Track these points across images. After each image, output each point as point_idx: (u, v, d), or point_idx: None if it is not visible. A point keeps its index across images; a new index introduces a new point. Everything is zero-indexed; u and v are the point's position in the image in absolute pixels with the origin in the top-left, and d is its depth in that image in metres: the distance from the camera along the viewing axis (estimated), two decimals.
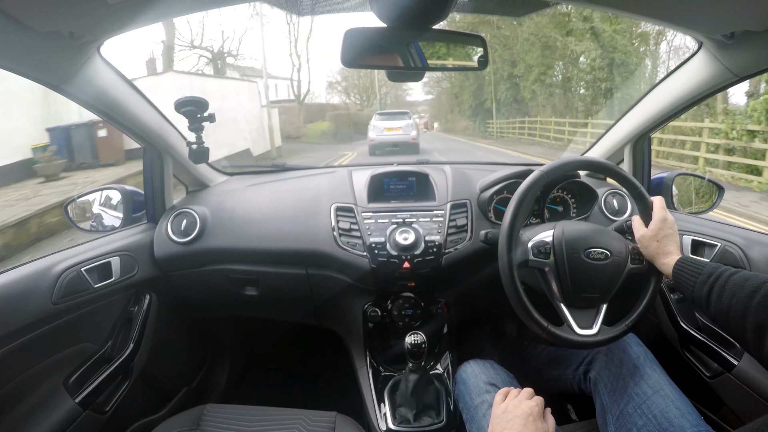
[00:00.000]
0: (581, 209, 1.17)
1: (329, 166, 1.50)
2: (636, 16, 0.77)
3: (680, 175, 1.30)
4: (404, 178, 1.23)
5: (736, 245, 0.94)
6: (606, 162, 0.86)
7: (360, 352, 1.19)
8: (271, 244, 1.15)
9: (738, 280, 0.65)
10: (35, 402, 0.89)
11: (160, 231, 1.20)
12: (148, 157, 1.19)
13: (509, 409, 0.70)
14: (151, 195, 1.22)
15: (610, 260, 0.80)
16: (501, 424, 0.69)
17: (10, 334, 0.82)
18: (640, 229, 0.82)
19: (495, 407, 0.73)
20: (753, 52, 0.78)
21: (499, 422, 0.69)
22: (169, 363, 1.34)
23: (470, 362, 0.97)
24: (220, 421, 0.91)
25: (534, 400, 0.71)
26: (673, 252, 0.77)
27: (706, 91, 0.94)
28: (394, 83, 16.11)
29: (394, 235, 1.07)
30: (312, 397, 1.26)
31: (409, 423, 1.02)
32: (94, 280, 1.00)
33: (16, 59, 0.71)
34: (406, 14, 0.72)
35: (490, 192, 1.13)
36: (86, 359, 1.01)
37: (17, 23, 0.62)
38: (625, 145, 1.24)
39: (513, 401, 0.71)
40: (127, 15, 0.69)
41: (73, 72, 0.81)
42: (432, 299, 1.16)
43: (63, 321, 0.93)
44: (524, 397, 0.72)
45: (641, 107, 1.15)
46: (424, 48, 0.81)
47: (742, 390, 0.88)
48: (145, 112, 1.06)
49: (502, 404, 0.72)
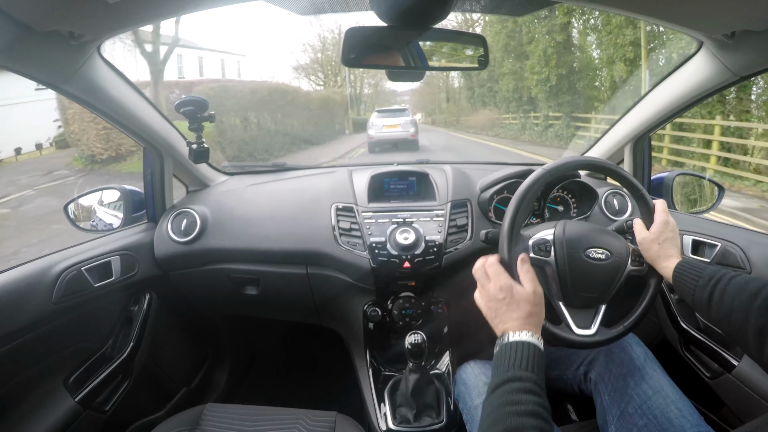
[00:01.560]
0: (581, 209, 1.17)
1: (330, 165, 1.50)
2: (636, 15, 0.77)
3: (680, 175, 1.30)
4: (404, 178, 1.23)
5: (736, 245, 0.94)
6: (608, 162, 0.86)
7: (360, 352, 1.19)
8: (272, 243, 1.15)
9: (739, 284, 0.64)
10: (35, 401, 0.89)
11: (161, 231, 1.20)
12: (149, 157, 1.19)
13: (483, 304, 0.70)
14: (151, 195, 1.22)
15: (610, 261, 0.80)
16: (491, 320, 0.69)
17: (11, 334, 0.82)
18: (641, 232, 0.81)
19: (477, 298, 0.72)
20: (753, 52, 0.78)
21: (488, 317, 0.69)
22: (169, 363, 1.34)
23: (470, 363, 0.97)
24: (220, 421, 0.91)
25: (492, 279, 0.70)
26: (674, 255, 0.77)
27: (706, 90, 0.94)
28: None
29: (395, 234, 1.07)
30: (312, 397, 1.26)
31: (410, 423, 1.02)
32: (94, 280, 1.00)
33: (16, 59, 0.71)
34: (406, 14, 0.72)
35: (490, 192, 1.13)
36: (86, 359, 1.02)
37: (17, 23, 0.62)
38: (625, 145, 1.24)
39: (483, 293, 0.70)
40: (127, 15, 0.69)
41: (73, 72, 0.81)
42: (432, 299, 1.16)
43: (63, 320, 0.93)
44: (484, 284, 0.71)
45: (642, 107, 1.15)
46: (424, 48, 0.81)
47: (742, 390, 0.88)
48: (145, 111, 1.06)
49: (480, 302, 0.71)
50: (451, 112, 26.58)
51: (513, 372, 0.58)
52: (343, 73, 25.12)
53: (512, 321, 0.66)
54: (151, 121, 1.08)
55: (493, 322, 0.68)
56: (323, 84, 25.74)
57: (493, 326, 0.68)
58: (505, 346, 0.63)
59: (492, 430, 0.52)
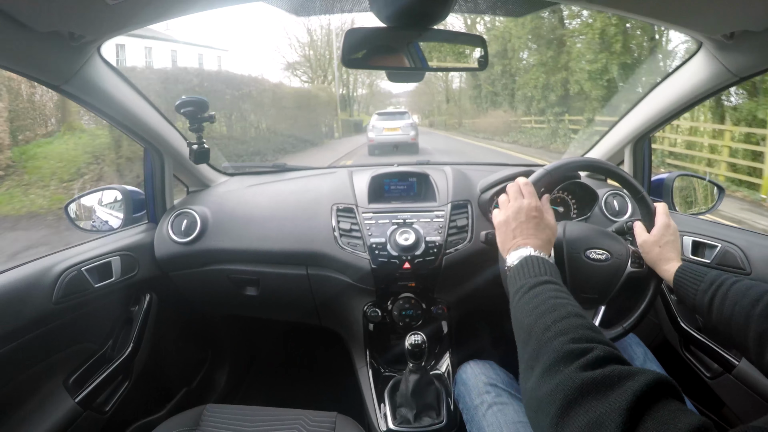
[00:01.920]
0: (582, 210, 1.17)
1: (330, 166, 1.50)
2: (636, 16, 0.77)
3: (681, 176, 1.30)
4: (405, 179, 1.23)
5: (736, 246, 0.94)
6: (609, 164, 0.86)
7: (360, 353, 1.19)
8: (272, 244, 1.15)
9: (740, 289, 0.65)
10: (35, 402, 0.89)
11: (161, 231, 1.20)
12: (149, 158, 1.19)
13: (510, 216, 0.71)
14: (151, 195, 1.23)
15: (610, 262, 0.80)
16: (507, 235, 0.71)
17: (11, 334, 0.82)
18: (642, 235, 0.81)
19: (495, 220, 0.75)
20: (753, 52, 0.78)
21: (505, 231, 0.71)
22: (169, 363, 1.34)
23: (470, 363, 0.97)
24: (220, 421, 0.91)
25: (527, 197, 0.73)
26: (674, 259, 0.77)
27: (706, 91, 0.94)
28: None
29: (395, 235, 1.07)
30: (312, 397, 1.26)
31: (410, 423, 1.02)
32: (94, 280, 1.00)
33: (16, 59, 0.71)
34: (405, 14, 0.72)
35: (490, 192, 1.13)
36: (86, 359, 1.02)
37: (17, 23, 0.62)
38: (625, 146, 1.24)
39: (511, 207, 0.72)
40: (127, 15, 0.69)
41: (73, 72, 0.81)
42: (432, 300, 1.16)
43: (63, 321, 0.93)
44: (517, 198, 0.73)
45: (641, 108, 1.15)
46: (424, 48, 0.81)
47: (742, 390, 0.88)
48: (145, 112, 1.06)
49: (501, 216, 0.73)
50: (452, 114, 25.30)
51: (547, 278, 0.59)
52: (333, 69, 23.28)
53: (537, 240, 0.68)
54: (152, 121, 1.08)
55: (516, 236, 0.70)
56: (310, 81, 23.70)
57: (514, 240, 0.70)
58: (530, 258, 0.63)
59: (544, 319, 0.51)
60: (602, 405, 0.37)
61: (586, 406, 0.38)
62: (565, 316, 0.50)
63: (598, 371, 0.41)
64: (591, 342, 0.46)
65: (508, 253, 0.68)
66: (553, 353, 0.45)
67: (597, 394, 0.39)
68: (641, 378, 0.38)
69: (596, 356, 0.43)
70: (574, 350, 0.44)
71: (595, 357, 0.43)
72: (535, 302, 0.55)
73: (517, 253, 0.66)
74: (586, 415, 0.38)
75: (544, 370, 0.45)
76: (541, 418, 0.43)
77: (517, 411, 0.81)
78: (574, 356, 0.44)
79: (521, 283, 0.60)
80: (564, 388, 0.41)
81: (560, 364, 0.44)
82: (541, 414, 0.43)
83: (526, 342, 0.51)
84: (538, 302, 0.54)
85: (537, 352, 0.48)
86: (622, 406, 0.36)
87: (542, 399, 0.43)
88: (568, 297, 0.55)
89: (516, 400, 0.84)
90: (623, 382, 0.38)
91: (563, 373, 0.43)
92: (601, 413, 0.37)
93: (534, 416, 0.45)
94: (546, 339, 0.48)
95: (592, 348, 0.44)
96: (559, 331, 0.48)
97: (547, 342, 0.48)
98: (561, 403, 0.40)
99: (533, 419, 0.46)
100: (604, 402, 0.38)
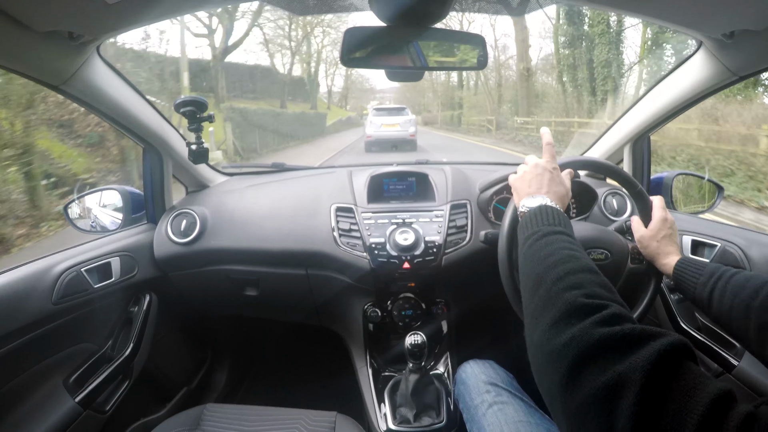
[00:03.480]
0: (581, 209, 1.17)
1: (330, 166, 1.50)
2: (636, 15, 0.77)
3: (680, 175, 1.30)
4: (404, 179, 1.23)
5: (736, 245, 0.94)
6: (604, 161, 0.86)
7: (360, 353, 1.19)
8: (271, 244, 1.15)
9: (740, 281, 0.64)
10: (35, 402, 0.89)
11: (160, 231, 1.20)
12: (148, 158, 1.19)
13: (528, 171, 0.71)
14: (150, 195, 1.22)
15: (610, 261, 0.80)
16: (524, 183, 0.70)
17: (10, 334, 0.82)
18: (639, 230, 0.81)
19: (511, 179, 0.74)
20: (753, 52, 0.78)
21: (521, 182, 0.71)
22: (169, 363, 1.34)
23: (470, 362, 0.97)
24: (220, 421, 0.91)
25: (547, 160, 0.73)
26: (673, 252, 0.77)
27: (705, 90, 0.94)
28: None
29: (394, 235, 1.07)
30: (312, 397, 1.26)
31: (410, 423, 1.02)
32: (94, 281, 1.00)
33: (15, 59, 0.71)
34: (405, 14, 0.72)
35: (489, 192, 1.13)
36: (86, 359, 1.01)
37: (17, 23, 0.62)
38: (624, 145, 1.24)
39: (530, 164, 0.73)
40: (127, 15, 0.69)
41: (72, 72, 0.81)
42: (432, 299, 1.16)
43: (63, 321, 0.93)
44: (536, 159, 0.73)
45: (641, 107, 1.15)
46: (423, 47, 0.81)
47: (742, 390, 0.88)
48: (144, 112, 1.06)
49: (519, 172, 0.73)
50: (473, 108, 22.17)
51: (562, 228, 0.57)
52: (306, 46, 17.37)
53: (554, 194, 0.67)
54: (151, 121, 1.08)
55: (532, 186, 0.69)
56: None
57: (530, 189, 0.69)
58: (546, 207, 0.62)
59: (557, 269, 0.48)
60: (621, 365, 0.34)
61: (602, 364, 0.35)
62: (579, 269, 0.47)
63: (617, 328, 0.37)
64: (606, 300, 0.42)
65: (523, 199, 0.67)
66: (565, 305, 0.42)
67: (616, 352, 0.35)
68: (664, 339, 0.35)
69: (612, 313, 0.40)
70: (589, 305, 0.41)
71: (612, 314, 0.39)
72: (547, 250, 0.52)
73: (533, 200, 0.64)
74: (603, 374, 0.34)
75: (554, 322, 0.41)
76: (549, 376, 0.39)
77: (517, 410, 0.81)
78: (589, 310, 0.40)
79: (534, 229, 0.57)
80: (578, 343, 0.37)
81: (572, 318, 0.40)
82: (549, 370, 0.39)
83: (534, 291, 0.47)
84: (550, 251, 0.51)
85: (545, 303, 0.44)
86: (646, 367, 0.33)
87: (551, 353, 0.39)
88: (582, 251, 0.52)
89: (516, 399, 0.84)
90: (645, 342, 0.35)
91: (577, 327, 0.39)
92: (621, 373, 0.33)
93: (540, 372, 0.41)
94: (557, 290, 0.45)
95: (607, 305, 0.41)
96: (572, 283, 0.45)
97: (558, 293, 0.44)
98: (574, 359, 0.37)
99: (539, 376, 0.42)
100: (624, 361, 0.34)
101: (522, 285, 0.52)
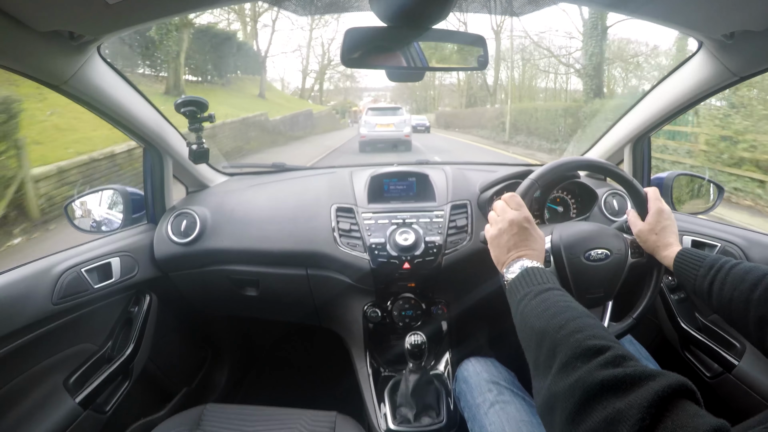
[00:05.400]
0: (581, 210, 1.17)
1: (330, 166, 1.50)
2: (636, 15, 0.77)
3: (680, 176, 1.30)
4: (404, 179, 1.23)
5: (736, 245, 0.94)
6: (600, 161, 0.85)
7: (360, 353, 1.19)
8: (271, 244, 1.15)
9: (739, 273, 0.65)
10: (35, 402, 0.89)
11: (160, 232, 1.20)
12: (148, 158, 1.19)
13: (502, 229, 0.70)
14: (150, 195, 1.22)
15: (610, 259, 0.80)
16: (500, 246, 0.69)
17: (11, 335, 0.82)
18: (636, 224, 0.81)
19: (486, 235, 0.73)
20: (753, 52, 0.78)
21: (498, 246, 0.70)
22: (169, 363, 1.34)
23: (471, 360, 0.97)
24: (220, 421, 0.91)
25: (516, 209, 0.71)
26: (673, 243, 0.76)
27: (706, 91, 0.94)
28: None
29: (394, 235, 1.07)
30: (312, 397, 1.26)
31: (410, 423, 1.02)
32: (94, 281, 1.00)
33: (16, 59, 0.71)
34: (406, 14, 0.72)
35: (490, 192, 1.13)
36: (86, 359, 1.01)
37: (17, 23, 0.62)
38: (624, 146, 1.24)
39: (501, 221, 0.71)
40: (127, 15, 0.69)
41: (73, 72, 0.81)
42: (432, 300, 1.16)
43: (63, 321, 0.93)
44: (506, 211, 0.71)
45: (641, 107, 1.15)
46: (424, 48, 0.81)
47: (742, 390, 0.88)
48: (144, 112, 1.06)
49: (493, 230, 0.72)
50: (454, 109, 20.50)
51: (551, 285, 0.58)
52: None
53: (533, 252, 0.67)
54: (151, 121, 1.08)
55: (510, 249, 0.68)
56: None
57: (509, 253, 0.68)
58: (531, 268, 0.62)
59: (557, 319, 0.50)
60: (621, 402, 0.37)
61: (604, 403, 0.38)
62: (577, 315, 0.50)
63: (619, 369, 0.40)
64: (608, 341, 0.45)
65: (505, 267, 0.67)
66: (570, 349, 0.45)
67: (617, 391, 0.38)
68: (662, 380, 0.38)
69: (615, 354, 0.42)
70: (593, 347, 0.44)
71: (614, 355, 0.42)
72: (544, 306, 0.54)
73: (517, 265, 0.65)
74: (604, 410, 0.38)
75: (562, 365, 0.44)
76: (556, 414, 0.43)
77: (519, 409, 0.80)
78: (593, 353, 0.43)
79: (525, 291, 0.59)
80: (583, 385, 0.40)
81: (578, 361, 0.43)
82: (557, 410, 0.43)
83: (539, 345, 0.50)
84: (547, 305, 0.54)
85: (554, 350, 0.47)
86: (642, 404, 0.36)
87: (558, 394, 0.43)
88: (575, 302, 0.55)
89: (518, 398, 0.83)
90: (644, 382, 0.38)
91: (582, 369, 0.42)
92: (620, 409, 0.37)
93: (548, 413, 0.45)
94: (562, 336, 0.47)
95: (610, 346, 0.44)
96: (575, 328, 0.47)
97: (563, 339, 0.47)
98: (579, 399, 0.40)
99: (547, 416, 0.45)
100: (624, 399, 0.37)
101: (524, 343, 0.54)
